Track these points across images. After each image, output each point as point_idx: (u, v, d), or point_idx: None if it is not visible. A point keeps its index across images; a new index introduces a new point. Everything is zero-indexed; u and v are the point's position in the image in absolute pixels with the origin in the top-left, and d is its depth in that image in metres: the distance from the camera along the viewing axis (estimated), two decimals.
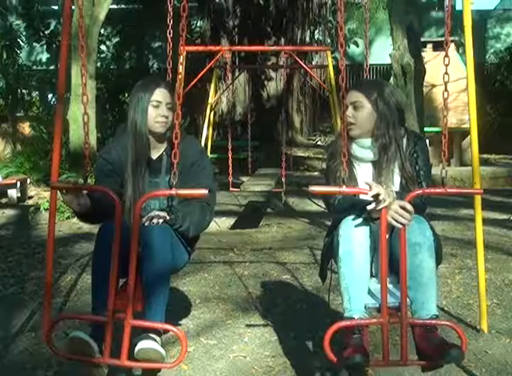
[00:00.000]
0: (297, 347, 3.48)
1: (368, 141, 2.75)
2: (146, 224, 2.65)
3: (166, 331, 2.70)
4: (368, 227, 2.50)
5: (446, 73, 2.45)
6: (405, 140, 2.78)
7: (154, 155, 2.95)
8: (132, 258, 2.40)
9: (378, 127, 2.71)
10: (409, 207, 2.36)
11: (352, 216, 2.53)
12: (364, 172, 2.78)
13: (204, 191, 2.37)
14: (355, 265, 2.47)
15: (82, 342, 2.47)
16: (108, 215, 2.61)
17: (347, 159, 2.47)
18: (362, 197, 2.59)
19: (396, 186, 2.72)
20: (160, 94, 2.85)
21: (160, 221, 2.69)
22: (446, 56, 2.47)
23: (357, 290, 2.46)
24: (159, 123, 2.85)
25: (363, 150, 2.76)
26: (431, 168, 2.81)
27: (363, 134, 2.75)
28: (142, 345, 2.48)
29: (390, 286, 2.52)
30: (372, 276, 2.59)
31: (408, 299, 2.42)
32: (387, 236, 2.43)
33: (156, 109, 2.84)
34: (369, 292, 2.54)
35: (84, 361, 2.53)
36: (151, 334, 2.54)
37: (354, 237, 2.47)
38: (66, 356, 2.58)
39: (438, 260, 2.63)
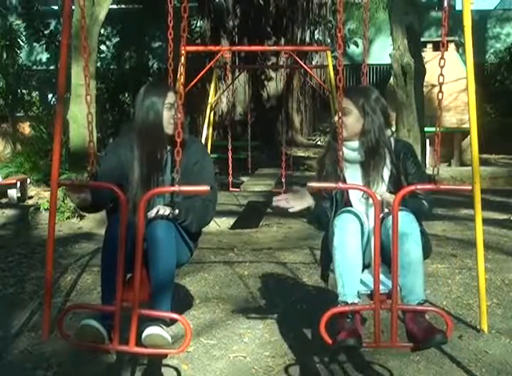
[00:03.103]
0: (297, 347, 3.48)
1: (356, 143, 2.90)
2: (152, 216, 2.73)
3: (172, 321, 2.78)
4: (360, 219, 2.67)
5: (441, 74, 2.60)
6: (392, 143, 2.94)
7: (163, 155, 3.04)
8: (138, 251, 2.48)
9: (365, 130, 2.87)
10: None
11: (347, 209, 2.71)
12: (352, 173, 2.91)
13: (207, 187, 2.47)
14: (348, 253, 2.63)
15: (93, 330, 2.55)
16: (108, 204, 2.87)
17: (342, 157, 2.71)
18: (351, 194, 2.84)
19: (385, 184, 2.87)
20: (171, 97, 2.98)
21: (166, 212, 2.77)
22: (442, 57, 2.61)
23: (350, 276, 2.62)
24: (171, 125, 2.96)
25: (352, 151, 2.91)
26: (422, 169, 3.00)
27: (351, 136, 2.89)
28: (149, 331, 2.58)
29: (380, 275, 2.62)
30: (364, 267, 2.72)
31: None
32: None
33: (170, 111, 2.96)
34: (362, 282, 2.68)
35: (95, 348, 2.62)
36: (157, 322, 2.63)
37: (348, 228, 2.64)
38: (78, 343, 2.66)
39: (427, 253, 2.80)
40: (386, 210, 2.70)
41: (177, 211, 2.83)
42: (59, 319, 2.68)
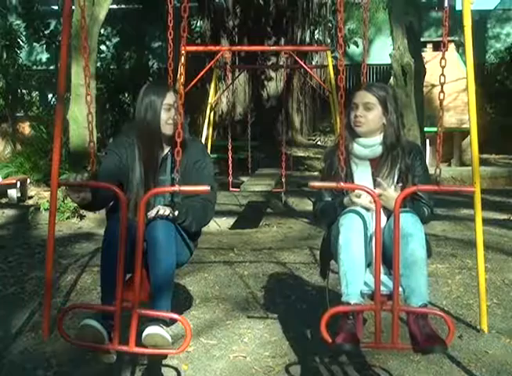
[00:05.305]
0: (297, 347, 3.48)
1: (370, 140, 2.90)
2: (152, 215, 2.74)
3: (172, 321, 2.77)
4: (365, 218, 2.65)
5: (443, 74, 2.58)
6: (404, 143, 2.95)
7: (160, 155, 3.06)
8: (138, 252, 2.49)
9: (387, 128, 2.88)
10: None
11: (353, 208, 2.68)
12: (362, 171, 2.91)
13: (207, 187, 2.48)
14: (353, 252, 2.61)
15: (93, 330, 2.57)
16: (109, 203, 2.92)
17: (345, 156, 2.66)
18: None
19: (395, 185, 2.84)
20: (171, 98, 2.99)
21: (166, 212, 2.78)
22: (443, 58, 2.59)
23: (354, 275, 2.60)
24: (169, 125, 2.97)
25: (363, 148, 2.90)
26: (428, 173, 2.96)
27: (369, 133, 2.89)
28: (149, 330, 2.59)
29: (383, 276, 2.61)
30: (367, 266, 2.70)
31: (400, 288, 2.55)
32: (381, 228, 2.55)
33: (168, 112, 2.98)
34: (364, 282, 2.66)
35: (95, 348, 2.63)
36: (157, 322, 2.64)
37: (354, 226, 2.62)
38: (78, 343, 2.66)
39: (428, 254, 2.75)
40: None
41: (177, 211, 2.83)
42: (59, 319, 2.69)
